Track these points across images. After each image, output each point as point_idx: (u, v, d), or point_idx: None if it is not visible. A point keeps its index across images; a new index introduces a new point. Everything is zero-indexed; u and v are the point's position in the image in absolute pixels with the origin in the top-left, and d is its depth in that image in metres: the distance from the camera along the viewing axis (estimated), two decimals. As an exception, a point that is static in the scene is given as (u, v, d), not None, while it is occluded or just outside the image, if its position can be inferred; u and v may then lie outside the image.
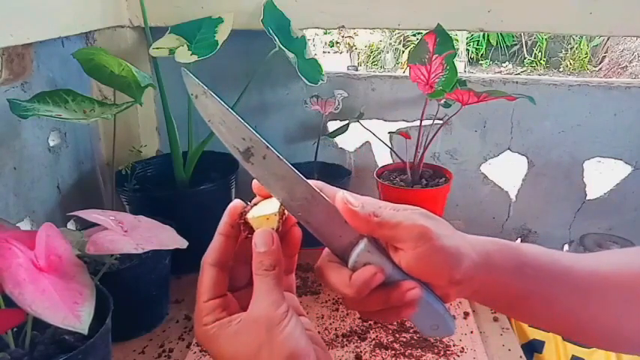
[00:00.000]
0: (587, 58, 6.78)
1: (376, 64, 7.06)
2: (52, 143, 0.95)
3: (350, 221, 0.40)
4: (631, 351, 0.49)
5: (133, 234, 0.66)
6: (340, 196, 0.41)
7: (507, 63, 7.12)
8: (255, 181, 0.43)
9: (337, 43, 6.92)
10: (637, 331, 0.45)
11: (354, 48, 6.97)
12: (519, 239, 1.27)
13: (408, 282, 0.40)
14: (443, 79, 0.96)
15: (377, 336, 0.81)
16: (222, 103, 0.41)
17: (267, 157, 0.41)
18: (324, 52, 6.77)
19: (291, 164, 0.42)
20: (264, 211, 0.41)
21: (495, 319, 0.87)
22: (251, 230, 0.42)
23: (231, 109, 0.44)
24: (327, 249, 0.43)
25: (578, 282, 0.45)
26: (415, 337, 0.80)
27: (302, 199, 0.41)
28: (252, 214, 0.42)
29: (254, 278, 0.40)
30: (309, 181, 0.42)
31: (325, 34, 6.58)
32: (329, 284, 0.42)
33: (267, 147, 0.41)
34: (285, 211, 0.41)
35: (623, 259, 0.48)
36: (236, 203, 0.43)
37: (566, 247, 1.25)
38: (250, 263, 0.41)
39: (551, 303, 0.45)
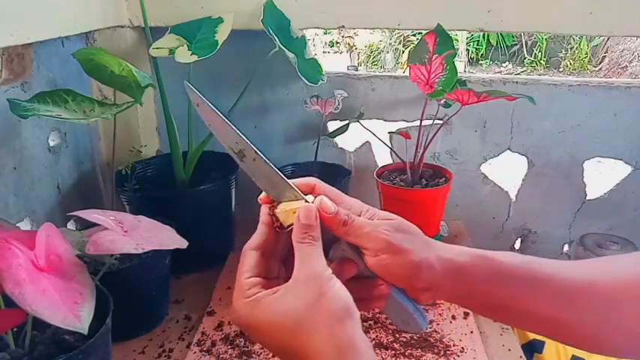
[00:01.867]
0: (587, 58, 6.78)
1: (376, 64, 7.06)
2: (52, 143, 0.95)
3: (325, 223, 0.46)
4: (616, 354, 0.50)
5: (133, 234, 0.66)
6: (317, 202, 0.47)
7: (507, 63, 7.11)
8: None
9: (337, 43, 6.92)
10: (618, 336, 0.46)
11: (354, 48, 6.96)
12: (519, 239, 1.27)
13: (379, 279, 0.46)
14: (443, 79, 0.96)
15: (377, 336, 0.81)
16: (219, 111, 0.47)
17: (257, 160, 0.47)
18: (324, 52, 6.77)
19: (291, 164, 0.46)
20: (291, 205, 0.47)
21: (495, 319, 0.87)
22: (280, 224, 0.47)
23: (232, 108, 0.49)
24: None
25: (558, 290, 0.46)
26: (415, 337, 0.80)
27: (287, 198, 0.47)
28: (280, 208, 0.47)
29: (298, 247, 0.44)
30: (308, 178, 0.49)
31: (325, 34, 6.58)
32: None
33: (256, 152, 0.47)
34: None
35: (603, 268, 0.49)
36: (264, 194, 0.48)
37: (566, 247, 1.25)
38: (279, 255, 0.48)
39: (531, 310, 0.46)
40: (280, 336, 0.41)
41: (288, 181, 0.47)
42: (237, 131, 0.46)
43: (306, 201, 0.47)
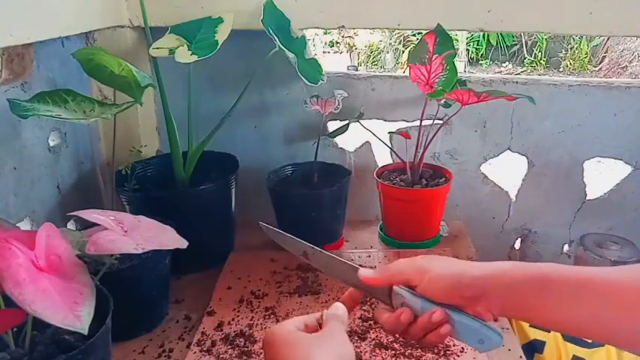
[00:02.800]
0: (587, 58, 6.78)
1: (376, 64, 7.06)
2: (52, 143, 0.95)
3: (371, 284, 0.58)
4: None
5: (133, 234, 0.66)
6: (360, 274, 0.58)
7: (507, 63, 7.11)
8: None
9: (337, 43, 6.91)
10: None
11: (354, 48, 6.96)
12: (519, 239, 1.27)
13: (433, 308, 0.53)
14: (443, 79, 0.96)
15: (377, 336, 0.81)
16: (287, 234, 0.63)
17: (316, 254, 0.61)
18: (324, 52, 6.77)
19: (291, 164, 0.48)
20: None
21: (495, 319, 0.87)
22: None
23: (232, 108, 0.52)
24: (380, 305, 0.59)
25: (599, 291, 0.47)
26: (415, 337, 0.80)
27: (345, 274, 0.60)
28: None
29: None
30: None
31: (325, 34, 6.57)
32: (383, 326, 0.58)
33: (314, 248, 0.61)
34: None
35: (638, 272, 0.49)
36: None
37: (566, 246, 1.25)
38: None
39: (573, 312, 0.48)
40: None
41: (349, 263, 0.60)
42: (301, 241, 0.62)
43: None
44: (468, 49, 7.03)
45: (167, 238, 0.70)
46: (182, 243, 0.70)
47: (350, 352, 0.50)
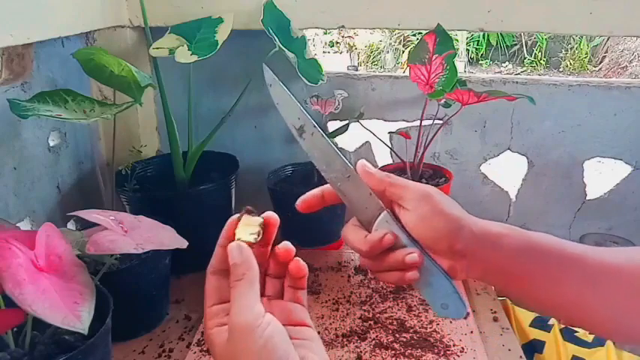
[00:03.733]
0: (587, 58, 6.78)
1: (376, 64, 7.06)
2: (52, 143, 0.95)
3: (367, 180, 0.49)
4: (633, 342, 0.50)
5: (133, 234, 0.66)
6: (361, 162, 0.50)
7: (507, 63, 7.11)
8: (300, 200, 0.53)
9: (337, 43, 6.91)
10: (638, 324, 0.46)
11: (354, 48, 6.96)
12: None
13: (410, 248, 0.47)
14: (443, 79, 0.96)
15: (377, 336, 0.81)
16: (288, 91, 0.52)
17: (314, 135, 0.51)
18: (324, 52, 6.77)
19: (291, 164, 0.47)
20: (243, 233, 0.47)
21: (495, 319, 0.87)
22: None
23: (232, 108, 0.50)
24: (354, 217, 0.50)
25: (587, 271, 0.46)
26: (415, 337, 0.80)
27: (337, 171, 0.50)
28: (238, 235, 0.47)
29: (233, 286, 0.43)
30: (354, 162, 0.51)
31: (325, 34, 6.57)
32: (348, 242, 0.50)
33: (315, 126, 0.51)
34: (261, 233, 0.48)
35: (631, 255, 0.48)
36: (233, 219, 0.48)
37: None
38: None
39: (558, 288, 0.46)
40: None
41: (342, 154, 0.50)
42: (301, 108, 0.52)
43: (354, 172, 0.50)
44: (468, 49, 7.03)
45: (167, 238, 0.70)
46: (182, 243, 0.70)
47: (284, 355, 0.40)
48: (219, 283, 0.47)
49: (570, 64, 6.77)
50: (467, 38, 6.91)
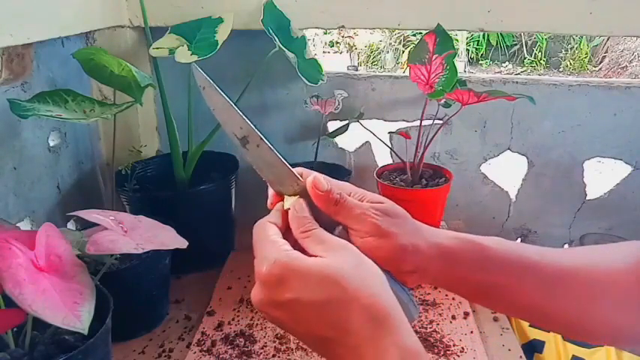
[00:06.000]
0: (587, 58, 6.78)
1: (376, 64, 7.06)
2: (52, 143, 0.95)
3: (315, 201, 0.46)
4: (600, 342, 0.51)
5: (133, 234, 0.66)
6: (310, 180, 0.46)
7: (507, 63, 7.11)
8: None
9: (337, 43, 6.92)
10: (601, 324, 0.47)
11: (354, 48, 6.96)
12: (519, 239, 1.27)
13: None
14: (443, 79, 0.96)
15: (377, 336, 0.81)
16: (225, 95, 0.46)
17: (260, 146, 0.47)
18: (324, 52, 6.77)
19: (291, 164, 0.46)
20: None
21: (495, 319, 0.87)
22: None
23: None
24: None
25: (543, 276, 0.47)
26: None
27: (287, 185, 0.47)
28: (289, 202, 0.47)
29: (312, 235, 0.44)
30: (295, 168, 0.48)
31: (325, 34, 6.57)
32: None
33: (261, 138, 0.47)
34: None
35: (589, 257, 0.49)
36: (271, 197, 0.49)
37: (566, 246, 1.25)
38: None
39: (516, 295, 0.47)
40: (326, 292, 0.38)
41: (290, 167, 0.47)
42: (243, 116, 0.46)
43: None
44: (468, 49, 7.04)
45: (167, 238, 0.70)
46: (182, 243, 0.70)
47: (379, 278, 0.41)
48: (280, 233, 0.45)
49: (570, 64, 6.78)
50: (467, 38, 6.91)
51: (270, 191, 0.49)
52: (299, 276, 0.39)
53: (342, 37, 6.75)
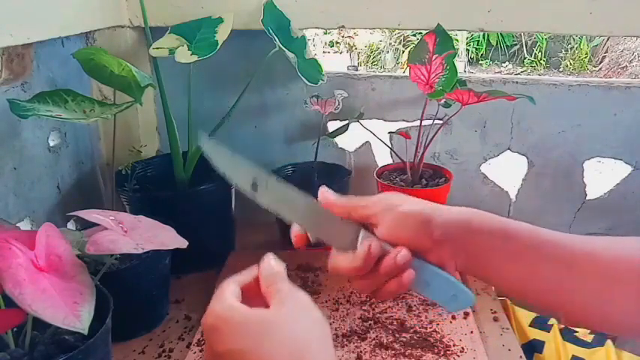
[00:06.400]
0: (587, 58, 6.78)
1: (376, 64, 7.06)
2: (52, 143, 0.95)
3: (330, 208, 0.49)
4: (604, 329, 0.51)
5: (133, 234, 0.66)
6: (321, 191, 0.50)
7: (507, 63, 7.11)
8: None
9: (337, 43, 6.91)
10: (611, 310, 0.46)
11: (354, 48, 6.96)
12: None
13: (396, 248, 0.47)
14: (443, 79, 0.96)
15: (377, 336, 0.81)
16: (229, 151, 0.49)
17: (269, 183, 0.49)
18: (324, 52, 6.77)
19: (291, 164, 0.47)
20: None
21: (495, 319, 0.87)
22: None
23: (232, 108, 0.49)
24: (333, 250, 0.50)
25: (562, 255, 0.46)
26: (415, 337, 0.80)
27: (303, 211, 0.49)
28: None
29: (276, 288, 0.45)
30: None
31: (325, 34, 6.57)
32: (339, 268, 0.49)
33: (266, 174, 0.49)
34: None
35: (606, 243, 0.49)
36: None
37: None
38: None
39: (534, 271, 0.46)
40: (256, 340, 0.39)
41: (300, 192, 0.49)
42: (247, 163, 0.49)
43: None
44: (468, 49, 7.03)
45: (167, 238, 0.70)
46: (182, 243, 0.70)
47: (319, 328, 0.42)
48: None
49: (570, 64, 6.77)
50: (467, 38, 6.91)
51: (293, 231, 0.52)
52: (231, 325, 0.40)
53: (342, 37, 6.74)
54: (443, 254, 0.47)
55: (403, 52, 6.80)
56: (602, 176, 1.25)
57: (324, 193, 0.49)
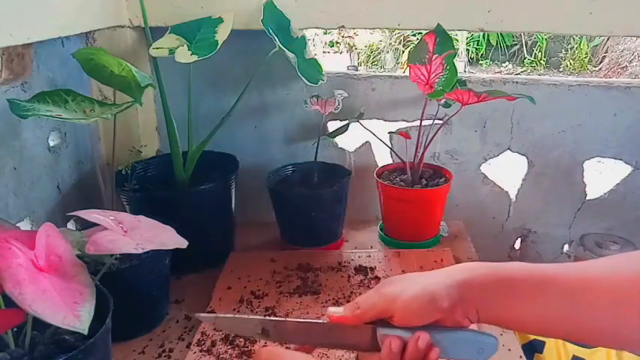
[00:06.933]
0: (587, 58, 6.78)
1: (376, 64, 7.06)
2: (52, 143, 0.95)
3: (342, 322, 0.52)
4: (627, 348, 0.52)
5: (133, 234, 0.66)
6: (328, 313, 0.53)
7: (507, 63, 7.11)
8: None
9: (337, 43, 6.91)
10: (629, 329, 0.46)
11: (354, 48, 6.96)
12: (519, 239, 1.27)
13: (417, 333, 0.49)
14: (443, 79, 0.96)
15: (377, 336, 0.81)
16: (234, 315, 0.55)
17: (278, 324, 0.52)
18: (324, 52, 6.77)
19: (291, 164, 0.47)
20: None
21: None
22: None
23: (232, 108, 0.50)
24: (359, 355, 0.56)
25: (564, 288, 0.48)
26: (415, 337, 0.80)
27: (317, 335, 0.53)
28: None
29: None
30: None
31: (325, 34, 6.57)
32: None
33: (271, 319, 0.52)
34: None
35: (608, 265, 0.50)
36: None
37: (566, 246, 1.25)
38: None
39: (541, 310, 0.48)
40: None
41: (309, 319, 0.53)
42: (250, 317, 0.53)
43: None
44: (468, 49, 7.03)
45: (167, 238, 0.70)
46: (182, 243, 0.70)
47: None
48: None
49: (570, 64, 6.77)
50: (467, 38, 6.91)
51: None
52: None
53: (342, 37, 6.74)
54: (456, 317, 0.50)
55: (403, 52, 6.80)
56: (602, 176, 1.26)
57: (331, 312, 0.53)
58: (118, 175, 1.01)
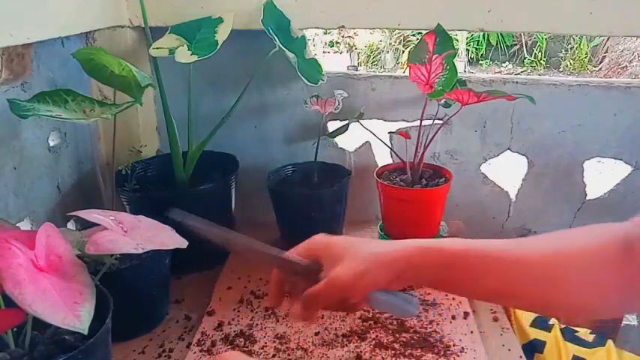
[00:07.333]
0: (587, 58, 6.78)
1: (376, 64, 7.06)
2: (52, 143, 0.95)
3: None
4: (568, 319, 0.57)
5: (133, 234, 0.66)
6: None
7: (507, 63, 7.11)
8: None
9: (337, 43, 6.91)
10: (568, 304, 0.51)
11: (354, 48, 6.96)
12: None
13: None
14: (443, 79, 0.96)
15: (377, 336, 0.81)
16: (201, 224, 0.60)
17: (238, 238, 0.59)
18: (324, 52, 6.76)
19: (291, 164, 0.48)
20: None
21: (495, 319, 0.87)
22: None
23: (232, 108, 0.53)
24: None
25: (509, 265, 0.52)
26: (415, 337, 0.80)
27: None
28: None
29: None
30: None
31: (325, 34, 6.57)
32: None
33: (237, 235, 0.60)
34: None
35: (547, 242, 0.54)
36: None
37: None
38: None
39: (482, 286, 0.53)
40: None
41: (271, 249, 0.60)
42: (220, 228, 0.59)
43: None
44: (468, 49, 7.03)
45: (167, 238, 0.70)
46: (182, 243, 0.70)
47: None
48: None
49: (570, 64, 6.77)
50: (467, 38, 6.91)
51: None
52: None
53: (342, 37, 6.74)
54: (391, 286, 0.54)
55: (403, 52, 6.80)
56: (602, 176, 1.26)
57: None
58: (118, 175, 1.01)
